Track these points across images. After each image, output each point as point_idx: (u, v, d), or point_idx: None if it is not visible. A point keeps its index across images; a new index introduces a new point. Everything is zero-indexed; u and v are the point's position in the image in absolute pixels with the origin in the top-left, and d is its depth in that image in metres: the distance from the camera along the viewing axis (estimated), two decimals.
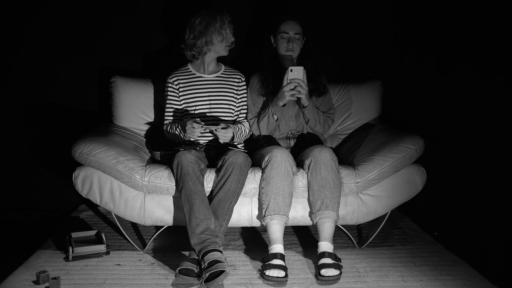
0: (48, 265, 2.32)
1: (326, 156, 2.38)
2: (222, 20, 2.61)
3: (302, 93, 2.50)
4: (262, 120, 2.65)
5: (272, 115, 2.62)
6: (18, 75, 3.10)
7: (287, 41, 2.65)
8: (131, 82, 2.92)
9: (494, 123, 2.43)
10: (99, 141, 2.43)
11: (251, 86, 2.76)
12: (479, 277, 2.24)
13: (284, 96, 2.51)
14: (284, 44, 2.66)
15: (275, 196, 2.33)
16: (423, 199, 2.76)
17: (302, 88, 2.49)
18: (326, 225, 2.32)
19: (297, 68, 2.48)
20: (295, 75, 2.48)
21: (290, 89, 2.49)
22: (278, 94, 2.55)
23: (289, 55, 2.67)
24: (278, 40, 2.68)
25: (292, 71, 2.48)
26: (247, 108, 2.76)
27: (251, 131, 2.74)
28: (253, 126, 2.71)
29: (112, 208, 2.46)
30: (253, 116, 2.74)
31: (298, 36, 2.65)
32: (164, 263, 2.37)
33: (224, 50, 2.68)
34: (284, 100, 2.54)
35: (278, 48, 2.70)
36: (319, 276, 2.18)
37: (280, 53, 2.69)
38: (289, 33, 2.64)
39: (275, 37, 2.70)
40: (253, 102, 2.75)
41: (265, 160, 2.41)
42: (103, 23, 3.09)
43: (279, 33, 2.66)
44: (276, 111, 2.60)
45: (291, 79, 2.48)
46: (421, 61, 3.04)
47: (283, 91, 2.51)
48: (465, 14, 2.65)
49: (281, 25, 2.66)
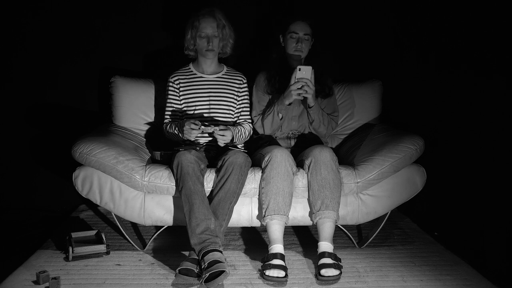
0: (48, 265, 2.32)
1: (326, 156, 2.39)
2: (199, 21, 2.59)
3: (309, 92, 2.50)
4: (266, 118, 2.65)
5: (277, 113, 2.62)
6: (18, 75, 3.10)
7: (296, 41, 2.64)
8: (131, 82, 2.92)
9: (494, 123, 2.43)
10: (99, 141, 2.43)
11: (257, 83, 2.76)
12: (479, 277, 2.24)
13: (291, 94, 2.51)
14: (293, 44, 2.65)
15: (275, 196, 2.33)
16: (423, 199, 2.76)
17: (309, 87, 2.49)
18: (326, 225, 2.32)
19: (306, 67, 2.48)
20: (303, 74, 2.48)
21: (297, 88, 2.49)
22: (285, 92, 2.55)
23: (297, 55, 2.67)
24: (287, 40, 2.67)
25: (301, 70, 2.47)
26: (252, 105, 2.76)
27: (255, 129, 2.73)
28: (257, 123, 2.71)
29: (112, 208, 2.46)
30: (257, 113, 2.73)
31: (307, 37, 2.65)
32: (164, 263, 2.37)
33: (204, 53, 2.65)
34: (290, 99, 2.54)
35: (286, 47, 2.69)
36: (319, 276, 2.18)
37: (289, 52, 2.69)
38: (298, 33, 2.63)
39: (284, 36, 2.70)
40: (258, 99, 2.75)
41: (265, 160, 2.41)
42: (103, 23, 3.09)
43: (288, 33, 2.65)
44: (281, 109, 2.60)
45: (298, 78, 2.49)
46: (421, 61, 3.04)
47: (290, 89, 2.51)
48: (465, 14, 2.65)
49: (291, 25, 2.65)
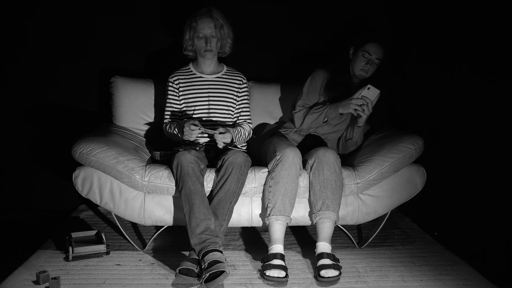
0: (48, 265, 2.32)
1: (330, 157, 2.39)
2: (197, 22, 2.60)
3: (366, 113, 2.49)
4: (311, 114, 2.62)
5: (324, 116, 2.60)
6: (18, 75, 3.10)
7: (366, 62, 2.58)
8: (131, 82, 2.92)
9: (494, 123, 2.43)
10: (99, 141, 2.43)
11: (314, 77, 2.70)
12: (479, 277, 2.24)
13: (350, 107, 2.50)
14: (361, 63, 2.59)
15: (283, 197, 2.33)
16: (423, 199, 2.76)
17: (368, 109, 2.48)
18: (325, 226, 2.32)
19: (374, 89, 2.47)
20: (369, 94, 2.47)
21: (357, 104, 2.48)
22: (342, 101, 2.54)
23: (361, 75, 2.62)
24: (358, 57, 2.60)
25: (369, 89, 2.47)
26: (301, 93, 2.70)
27: (293, 117, 2.68)
28: (298, 114, 2.66)
29: (112, 208, 2.46)
30: (302, 104, 2.69)
31: (377, 61, 2.59)
32: (164, 263, 2.37)
33: (203, 54, 2.65)
34: (346, 110, 2.52)
35: (354, 62, 2.63)
36: (319, 277, 2.18)
37: (353, 68, 2.63)
38: (371, 55, 2.57)
39: (355, 51, 2.63)
40: (308, 92, 2.70)
41: (276, 158, 2.40)
42: (103, 23, 3.09)
43: (362, 50, 2.58)
44: (331, 114, 2.58)
45: (363, 96, 2.48)
46: (421, 61, 3.04)
47: (351, 102, 2.49)
48: (465, 14, 2.65)
49: (368, 44, 2.57)
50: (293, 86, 2.93)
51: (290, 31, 3.18)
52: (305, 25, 3.18)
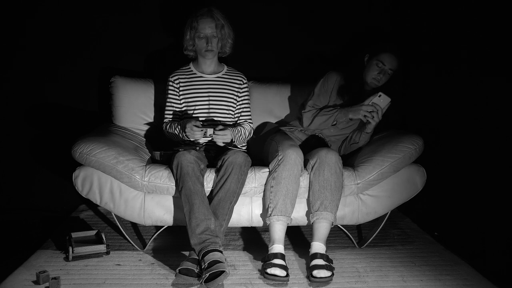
0: (48, 265, 2.32)
1: (332, 158, 2.38)
2: (197, 22, 2.59)
3: (375, 120, 2.50)
4: (321, 116, 2.62)
5: (333, 119, 2.60)
6: (18, 75, 3.10)
7: (379, 72, 2.58)
8: (131, 82, 2.92)
9: (494, 123, 2.43)
10: (99, 141, 2.43)
11: (327, 79, 2.70)
12: (479, 277, 2.24)
13: (360, 113, 2.50)
14: (374, 72, 2.59)
15: (284, 198, 2.33)
16: (423, 199, 2.76)
17: (377, 116, 2.49)
18: (322, 226, 2.32)
19: (385, 97, 2.47)
20: (380, 101, 2.48)
21: (367, 111, 2.49)
22: (353, 107, 2.55)
23: (372, 83, 2.61)
24: (371, 65, 2.60)
25: (380, 97, 2.48)
26: (312, 93, 2.70)
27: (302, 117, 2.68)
28: (308, 114, 2.66)
29: (112, 208, 2.46)
30: (312, 105, 2.68)
31: (390, 72, 2.59)
32: (164, 263, 2.37)
33: (203, 54, 2.65)
34: (356, 116, 2.53)
35: (367, 70, 2.62)
36: (311, 277, 2.18)
37: (366, 76, 2.63)
38: (386, 65, 2.56)
39: (370, 59, 2.62)
40: (319, 93, 2.70)
41: (279, 158, 2.40)
42: (103, 23, 3.09)
43: (376, 59, 2.58)
44: (341, 118, 2.59)
45: (374, 103, 2.48)
46: (421, 61, 3.04)
47: (361, 108, 2.50)
48: (465, 14, 2.65)
49: (382, 54, 2.57)
50: (300, 86, 2.99)
51: (290, 31, 3.19)
52: (305, 25, 3.18)
